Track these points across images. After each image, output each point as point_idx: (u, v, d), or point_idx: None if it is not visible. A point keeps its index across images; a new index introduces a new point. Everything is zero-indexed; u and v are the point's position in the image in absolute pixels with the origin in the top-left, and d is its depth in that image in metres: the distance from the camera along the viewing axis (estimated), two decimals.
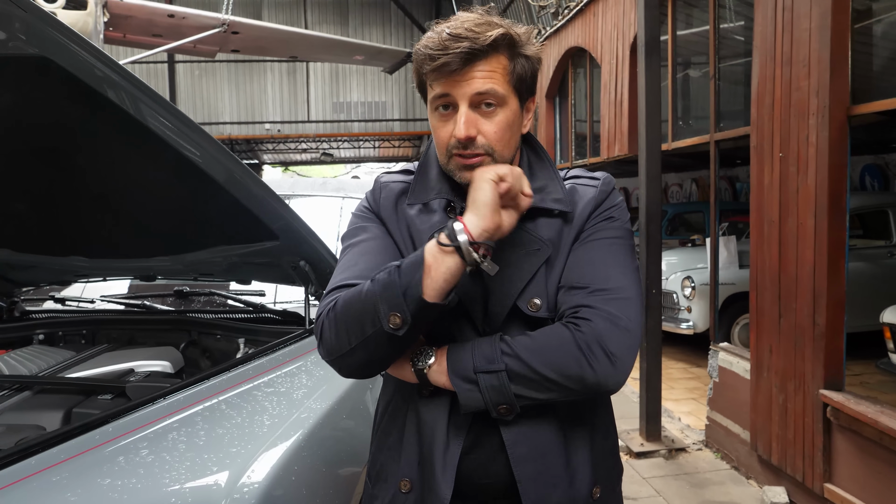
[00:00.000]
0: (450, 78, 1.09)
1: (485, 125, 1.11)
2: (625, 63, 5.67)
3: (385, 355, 1.11)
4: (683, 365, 6.74)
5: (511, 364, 1.07)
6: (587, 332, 1.07)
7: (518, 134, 1.18)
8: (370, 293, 1.06)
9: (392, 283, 1.03)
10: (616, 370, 1.07)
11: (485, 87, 1.09)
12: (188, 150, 1.73)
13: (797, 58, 3.15)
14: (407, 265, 1.04)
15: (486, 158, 1.12)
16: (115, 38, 9.58)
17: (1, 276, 2.56)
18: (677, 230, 10.13)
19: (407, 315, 1.02)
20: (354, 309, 1.07)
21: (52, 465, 1.32)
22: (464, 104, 1.10)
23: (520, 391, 1.07)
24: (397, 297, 1.02)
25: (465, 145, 1.11)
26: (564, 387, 1.07)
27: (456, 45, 1.07)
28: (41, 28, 1.41)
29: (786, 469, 3.38)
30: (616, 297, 1.10)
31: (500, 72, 1.11)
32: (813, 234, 3.07)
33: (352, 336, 1.08)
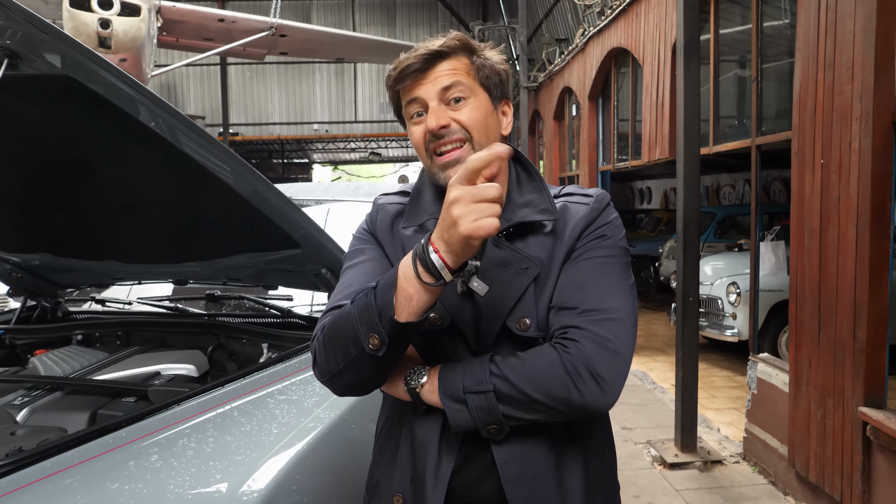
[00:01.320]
0: (415, 81, 1.14)
1: (457, 114, 1.14)
2: (666, 64, 5.54)
3: (372, 375, 1.12)
4: (727, 373, 6.57)
5: (499, 385, 1.07)
6: (575, 354, 1.06)
7: (495, 128, 1.20)
8: (350, 315, 1.07)
9: (368, 306, 1.04)
10: (604, 393, 1.06)
11: (450, 81, 1.14)
12: (212, 164, 1.78)
13: (840, 61, 3.02)
14: (381, 287, 1.05)
15: (466, 147, 1.14)
16: (169, 42, 9.94)
17: (44, 278, 2.68)
18: (727, 233, 9.85)
19: (384, 336, 1.03)
20: (339, 331, 1.09)
21: (66, 468, 1.39)
22: (433, 101, 1.14)
23: (508, 412, 1.08)
24: (373, 320, 1.03)
25: (440, 135, 1.13)
26: (552, 408, 1.07)
27: (415, 53, 1.14)
28: (63, 49, 1.48)
29: (824, 488, 3.25)
30: (606, 319, 1.09)
31: (463, 69, 1.16)
32: (854, 244, 2.95)
33: (339, 357, 1.10)
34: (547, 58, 10.46)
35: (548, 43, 10.77)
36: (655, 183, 17.05)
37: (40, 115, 1.75)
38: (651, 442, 4.48)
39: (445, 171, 1.15)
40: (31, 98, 1.66)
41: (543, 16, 11.75)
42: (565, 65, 9.21)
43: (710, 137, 4.96)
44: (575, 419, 1.11)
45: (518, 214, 1.17)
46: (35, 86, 1.60)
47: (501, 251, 1.15)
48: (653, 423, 4.97)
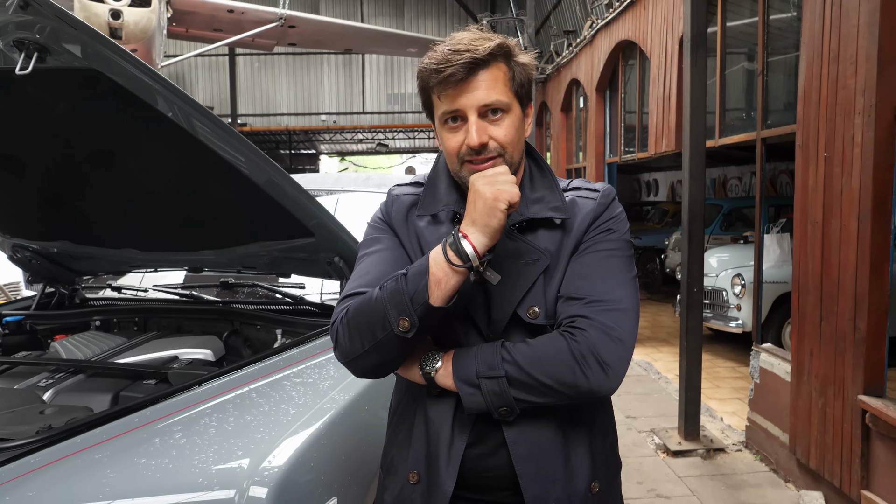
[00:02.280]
0: (456, 88, 1.15)
1: (494, 131, 1.17)
2: (673, 57, 5.56)
3: (395, 357, 1.19)
4: (732, 364, 6.62)
5: (511, 371, 1.14)
6: (582, 341, 1.13)
7: (524, 137, 1.24)
8: (380, 300, 1.14)
9: (399, 290, 1.12)
10: (608, 378, 1.13)
11: (490, 99, 1.16)
12: (229, 154, 1.84)
13: (844, 55, 3.06)
14: (413, 274, 1.12)
15: (499, 160, 1.18)
16: (178, 32, 10.00)
17: (63, 265, 2.76)
18: (734, 225, 9.88)
19: (415, 318, 1.11)
20: (365, 315, 1.15)
21: (95, 444, 1.46)
22: (472, 114, 1.16)
23: (518, 395, 1.14)
24: (405, 303, 1.11)
25: (479, 151, 1.17)
26: (560, 392, 1.13)
27: (458, 57, 1.13)
28: (90, 43, 1.54)
29: (824, 474, 3.31)
30: (611, 309, 1.15)
31: (502, 80, 1.17)
32: (856, 236, 3.00)
33: (364, 340, 1.16)
34: (555, 49, 10.47)
35: (556, 35, 10.77)
36: (662, 175, 17.04)
37: (66, 107, 1.81)
38: (655, 430, 4.55)
39: None
40: (58, 90, 1.72)
41: (552, 7, 11.74)
42: (573, 57, 9.22)
43: (716, 130, 4.99)
44: (581, 402, 1.18)
45: (531, 210, 1.23)
46: (62, 78, 1.67)
47: (513, 243, 1.21)
48: (657, 412, 5.03)
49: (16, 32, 1.51)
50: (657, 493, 3.69)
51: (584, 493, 1.22)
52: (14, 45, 1.53)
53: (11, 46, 1.53)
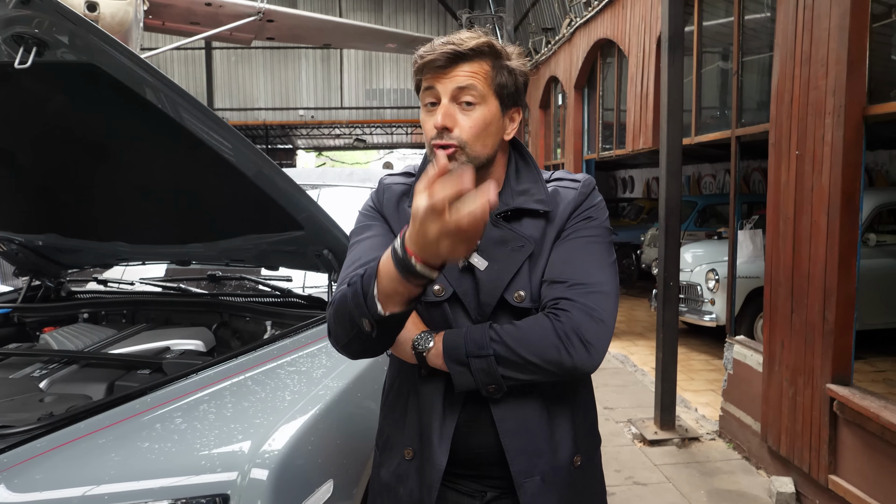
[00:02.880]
0: (435, 74, 1.22)
1: (461, 119, 1.22)
2: (651, 56, 5.68)
3: (376, 346, 1.23)
4: (706, 357, 6.78)
5: (499, 350, 1.20)
6: (566, 322, 1.19)
7: (496, 136, 1.28)
8: (346, 299, 1.16)
9: (357, 295, 1.12)
10: (590, 356, 1.20)
11: (465, 83, 1.21)
12: (221, 147, 1.88)
13: (816, 57, 3.18)
14: (367, 277, 1.11)
15: (459, 152, 1.23)
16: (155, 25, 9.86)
17: (49, 258, 2.76)
18: (708, 222, 10.07)
19: (373, 322, 1.12)
20: (341, 310, 1.19)
21: (98, 430, 1.50)
22: (445, 97, 1.23)
23: (506, 373, 1.20)
24: (362, 308, 1.11)
25: (441, 134, 1.22)
26: (545, 370, 1.20)
27: (443, 48, 1.21)
28: (88, 38, 1.57)
29: (793, 460, 3.45)
30: (592, 291, 1.23)
31: (482, 75, 1.23)
32: (826, 231, 3.12)
33: (345, 331, 1.21)
34: (533, 47, 10.57)
35: (534, 32, 10.87)
36: (638, 172, 17.26)
37: (61, 100, 1.84)
38: (632, 420, 4.66)
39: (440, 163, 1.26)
40: (54, 83, 1.75)
41: (530, 5, 11.84)
42: (552, 54, 9.33)
43: (692, 128, 5.11)
44: (564, 380, 1.25)
45: (516, 201, 1.30)
46: (59, 72, 1.69)
47: (500, 231, 1.28)
48: (633, 403, 5.15)
49: (15, 27, 1.53)
50: (634, 481, 3.80)
51: (568, 466, 1.29)
52: (13, 39, 1.55)
53: (10, 40, 1.56)
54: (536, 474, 1.26)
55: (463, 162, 1.23)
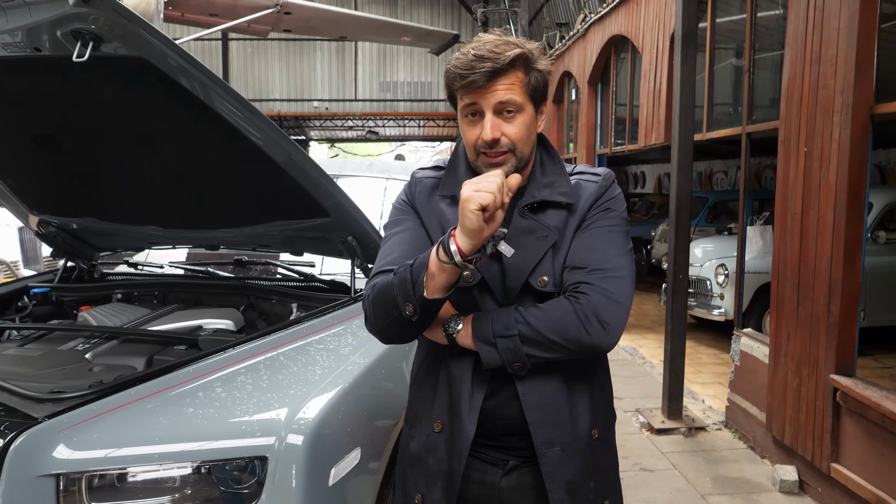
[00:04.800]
0: (477, 91, 1.32)
1: (507, 128, 1.34)
2: (664, 53, 5.75)
3: (412, 330, 1.37)
4: (714, 351, 6.86)
5: (523, 330, 1.31)
6: (585, 303, 1.31)
7: (535, 134, 1.40)
8: (391, 286, 1.31)
9: (405, 281, 1.28)
10: (608, 335, 1.31)
11: (506, 97, 1.32)
12: (254, 136, 1.99)
13: (825, 56, 3.26)
14: (417, 266, 1.28)
15: (509, 155, 1.35)
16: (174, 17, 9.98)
17: (85, 241, 2.90)
18: (719, 218, 10.11)
19: (417, 306, 1.28)
20: (383, 296, 1.33)
21: (146, 396, 1.63)
22: (489, 111, 1.33)
23: (530, 351, 1.32)
24: (409, 292, 1.28)
25: (491, 145, 1.34)
26: (566, 348, 1.31)
27: (481, 65, 1.29)
28: (140, 33, 1.69)
29: (797, 449, 3.54)
30: (610, 276, 1.34)
31: (518, 84, 1.33)
32: (832, 227, 3.21)
33: (384, 316, 1.35)
34: (547, 42, 10.62)
35: (548, 27, 10.92)
36: (650, 168, 17.28)
37: (110, 91, 1.96)
38: (640, 410, 4.77)
39: (488, 169, 1.35)
40: (107, 76, 1.87)
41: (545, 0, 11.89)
42: (566, 49, 9.39)
43: (703, 124, 5.19)
44: (583, 357, 1.36)
45: (542, 193, 1.41)
46: (110, 65, 1.81)
47: (526, 221, 1.39)
48: (642, 393, 5.25)
49: (73, 23, 1.65)
50: (641, 467, 3.91)
51: (586, 438, 1.41)
52: (71, 35, 1.67)
53: (69, 35, 1.68)
54: (557, 445, 1.37)
55: (513, 164, 1.35)
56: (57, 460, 1.44)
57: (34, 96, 2.05)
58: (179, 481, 1.50)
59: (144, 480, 1.49)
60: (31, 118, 2.18)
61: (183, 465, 1.49)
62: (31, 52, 1.82)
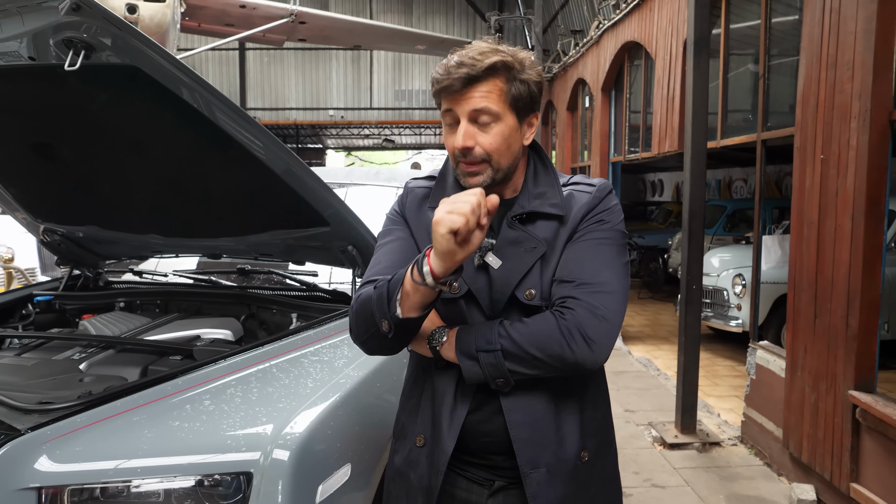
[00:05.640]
0: (452, 97, 1.29)
1: (482, 137, 1.29)
2: (678, 59, 5.67)
3: (392, 345, 1.33)
4: (731, 363, 6.73)
5: (506, 344, 1.27)
6: (569, 319, 1.25)
7: (516, 145, 1.34)
8: (370, 301, 1.28)
9: (381, 297, 1.26)
10: (592, 352, 1.25)
11: (480, 105, 1.27)
12: (252, 145, 1.97)
13: (842, 60, 3.17)
14: (393, 283, 1.25)
15: (485, 165, 1.30)
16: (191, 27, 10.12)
17: (89, 249, 2.89)
18: (737, 226, 9.97)
19: (391, 324, 1.25)
20: (363, 310, 1.31)
21: (132, 408, 1.60)
22: (464, 119, 1.29)
23: (512, 367, 1.27)
24: (384, 310, 1.25)
25: (465, 154, 1.30)
26: (549, 365, 1.26)
27: (458, 70, 1.26)
28: (131, 42, 1.67)
29: (815, 467, 3.43)
30: (598, 291, 1.28)
31: (496, 93, 1.28)
32: (850, 236, 3.11)
33: (364, 330, 1.33)
34: (562, 49, 10.57)
35: (563, 34, 10.87)
36: (667, 175, 17.12)
37: (104, 99, 1.94)
38: (652, 423, 4.67)
39: (466, 178, 1.33)
40: (98, 84, 1.85)
41: (559, 7, 11.84)
42: (580, 56, 9.33)
43: (718, 131, 5.10)
44: (570, 374, 1.30)
45: (532, 204, 1.36)
46: (103, 73, 1.79)
47: (514, 232, 1.35)
48: (655, 406, 5.15)
49: (66, 32, 1.64)
50: (653, 483, 3.81)
51: (574, 460, 1.34)
52: (63, 43, 1.66)
53: (61, 44, 1.66)
54: (542, 465, 1.31)
55: (490, 175, 1.31)
56: (38, 473, 1.41)
57: (32, 105, 2.04)
58: (163, 496, 1.46)
59: (127, 495, 1.45)
60: (30, 127, 2.18)
61: (166, 479, 1.45)
62: (26, 61, 1.81)
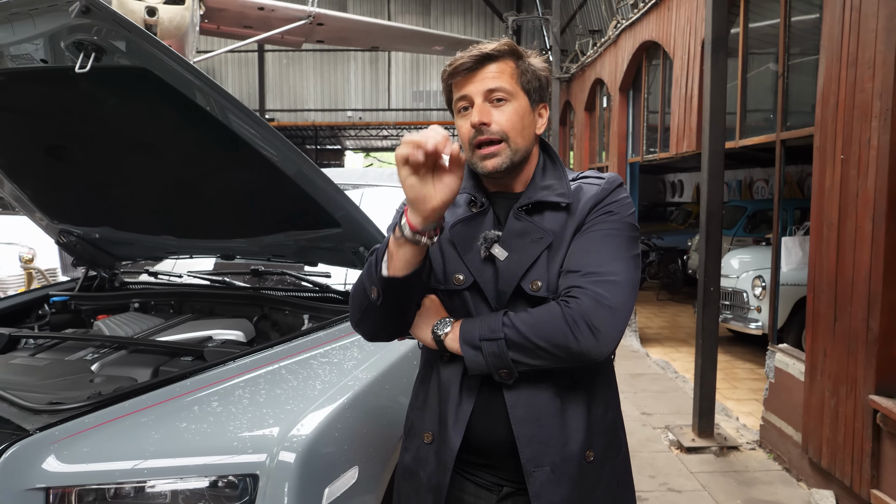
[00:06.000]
0: (465, 77, 1.31)
1: (497, 114, 1.31)
2: (696, 59, 5.60)
3: (382, 323, 1.35)
4: (751, 366, 6.63)
5: (509, 334, 1.25)
6: (574, 308, 1.23)
7: (531, 128, 1.36)
8: (362, 276, 1.33)
9: (370, 264, 1.30)
10: (598, 342, 1.23)
11: (494, 84, 1.30)
12: (262, 147, 1.97)
13: (862, 59, 3.11)
14: (380, 249, 1.29)
15: (503, 146, 1.31)
16: (210, 29, 10.23)
17: (105, 250, 2.92)
18: (758, 227, 9.82)
19: (379, 288, 1.27)
20: (358, 286, 1.34)
21: (141, 409, 1.61)
22: (478, 98, 1.31)
23: (516, 357, 1.25)
24: (372, 274, 1.28)
25: (481, 130, 1.30)
26: (553, 354, 1.24)
27: (469, 54, 1.31)
28: (141, 44, 1.68)
29: (835, 473, 3.36)
30: (604, 280, 1.26)
31: (508, 72, 1.32)
32: (870, 237, 3.04)
33: (357, 308, 1.35)
34: (580, 49, 10.51)
35: (581, 34, 10.81)
36: (687, 176, 16.94)
37: (115, 101, 1.96)
38: (669, 427, 4.61)
39: (483, 162, 1.33)
40: (109, 86, 1.87)
41: (577, 7, 11.77)
42: (597, 56, 9.26)
43: (736, 131, 5.02)
44: (576, 366, 1.27)
45: (538, 195, 1.36)
46: (114, 75, 1.81)
47: (520, 223, 1.33)
48: (672, 409, 5.09)
49: (76, 34, 1.66)
50: (669, 487, 3.77)
51: (578, 459, 1.31)
52: (74, 46, 1.67)
53: (72, 47, 1.68)
54: (546, 464, 1.29)
55: (508, 156, 1.31)
56: (46, 473, 1.43)
57: (46, 107, 2.07)
58: (170, 497, 1.46)
59: (134, 496, 1.46)
60: (44, 129, 2.20)
61: (172, 480, 1.46)
62: (38, 63, 1.83)
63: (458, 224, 1.37)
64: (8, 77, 1.92)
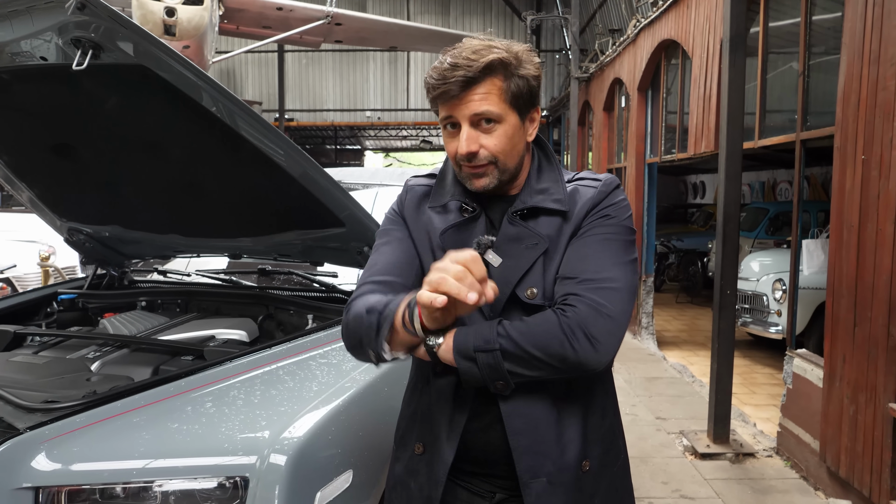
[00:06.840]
0: (450, 103, 1.24)
1: (486, 140, 1.25)
2: (715, 57, 5.50)
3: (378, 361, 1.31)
4: (770, 370, 6.51)
5: (505, 344, 1.20)
6: (571, 316, 1.19)
7: (521, 143, 1.30)
8: (360, 324, 1.26)
9: (370, 328, 1.23)
10: (596, 351, 1.18)
11: (481, 109, 1.22)
12: (262, 143, 1.95)
13: (885, 56, 3.01)
14: (385, 316, 1.22)
15: (491, 167, 1.26)
16: (229, 29, 10.31)
17: (113, 248, 2.93)
18: (780, 230, 9.64)
19: (375, 360, 1.27)
20: (352, 329, 1.29)
21: (134, 409, 1.60)
22: (465, 124, 1.24)
23: (512, 368, 1.20)
24: (372, 343, 1.23)
25: (469, 159, 1.25)
26: (550, 365, 1.19)
27: (453, 74, 1.21)
28: (139, 42, 1.67)
29: (853, 483, 3.27)
30: (602, 287, 1.21)
31: (496, 93, 1.23)
32: (892, 241, 2.95)
33: (352, 346, 1.32)
34: (600, 48, 10.40)
35: (601, 33, 10.70)
36: (709, 177, 16.71)
37: (117, 100, 1.96)
38: (684, 432, 4.53)
39: (471, 180, 1.29)
40: (110, 84, 1.86)
41: (597, 6, 11.66)
42: (616, 56, 9.16)
43: (755, 131, 4.92)
44: (573, 376, 1.23)
45: (533, 199, 1.31)
46: (114, 73, 1.80)
47: (515, 228, 1.29)
48: (688, 414, 5.00)
49: (73, 31, 1.65)
50: (682, 494, 3.69)
51: (575, 469, 1.27)
52: (71, 43, 1.67)
53: (69, 44, 1.67)
54: (542, 475, 1.25)
55: (496, 176, 1.27)
56: (36, 472, 1.42)
57: (47, 106, 2.07)
58: (160, 498, 1.45)
59: (125, 496, 1.45)
60: (49, 128, 2.21)
61: (163, 481, 1.44)
62: (38, 61, 1.83)
63: (449, 230, 1.32)
64: (10, 75, 1.92)
